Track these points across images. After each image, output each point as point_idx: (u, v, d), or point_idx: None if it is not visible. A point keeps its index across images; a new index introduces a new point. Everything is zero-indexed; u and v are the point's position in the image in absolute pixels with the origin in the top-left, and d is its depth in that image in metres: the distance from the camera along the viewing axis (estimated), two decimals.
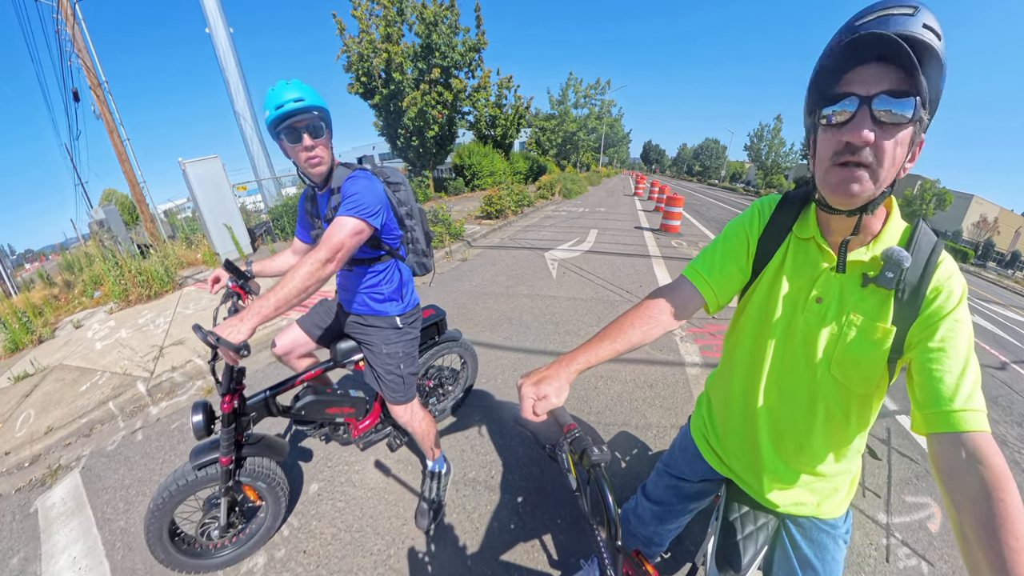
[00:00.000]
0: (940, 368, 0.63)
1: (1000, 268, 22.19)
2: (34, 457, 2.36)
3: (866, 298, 0.72)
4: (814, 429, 0.82)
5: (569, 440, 0.67)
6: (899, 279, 0.68)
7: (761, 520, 0.94)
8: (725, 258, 0.88)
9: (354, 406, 1.76)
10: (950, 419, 0.60)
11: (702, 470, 1.05)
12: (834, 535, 0.89)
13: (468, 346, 2.29)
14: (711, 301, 0.88)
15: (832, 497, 0.89)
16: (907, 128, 0.59)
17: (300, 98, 1.24)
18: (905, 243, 0.71)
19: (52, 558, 1.71)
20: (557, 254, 6.45)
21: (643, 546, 1.12)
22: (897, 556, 1.72)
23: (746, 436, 0.93)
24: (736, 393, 0.94)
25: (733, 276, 0.88)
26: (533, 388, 0.72)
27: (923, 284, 0.68)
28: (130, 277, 4.83)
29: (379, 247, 1.50)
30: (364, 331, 1.61)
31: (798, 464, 0.87)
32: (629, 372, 2.96)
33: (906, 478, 2.15)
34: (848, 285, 0.74)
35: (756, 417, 0.89)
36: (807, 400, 0.81)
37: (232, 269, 1.57)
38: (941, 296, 0.67)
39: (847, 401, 0.77)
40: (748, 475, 0.95)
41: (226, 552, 1.56)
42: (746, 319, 0.89)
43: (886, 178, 0.62)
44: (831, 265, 0.75)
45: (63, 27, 6.40)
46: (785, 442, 0.86)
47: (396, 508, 1.85)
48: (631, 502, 1.19)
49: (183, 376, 3.03)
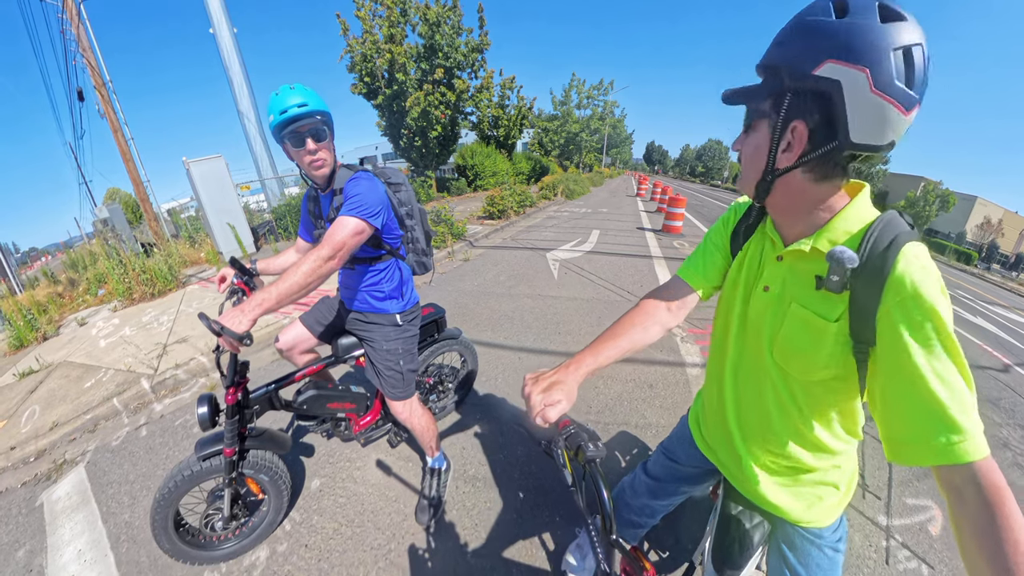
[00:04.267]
0: (912, 391, 0.57)
1: (1004, 270, 22.04)
2: (39, 452, 2.39)
3: (815, 293, 0.70)
4: (771, 415, 0.83)
5: (564, 436, 0.68)
6: (845, 282, 0.64)
7: (756, 519, 0.94)
8: (709, 250, 0.94)
9: (355, 402, 1.78)
10: (942, 452, 0.54)
11: (695, 457, 1.07)
12: (820, 544, 0.87)
13: (468, 344, 2.31)
14: (704, 290, 0.93)
15: (815, 505, 0.86)
16: (754, 129, 0.68)
17: (304, 103, 1.27)
18: (860, 237, 0.64)
19: (58, 551, 1.74)
20: (559, 254, 6.46)
21: (635, 516, 1.15)
22: (897, 559, 1.71)
23: (720, 423, 0.95)
24: (710, 383, 0.99)
25: (719, 264, 0.92)
26: (543, 395, 0.70)
27: (878, 284, 0.61)
28: (134, 275, 4.87)
29: (380, 246, 1.53)
30: (365, 327, 1.64)
31: (765, 459, 0.87)
32: (629, 372, 2.97)
33: (906, 479, 2.15)
34: (794, 274, 0.74)
35: (724, 404, 0.92)
36: (759, 386, 0.83)
37: (237, 266, 1.59)
38: (900, 298, 0.59)
39: (792, 387, 0.78)
40: (731, 464, 0.95)
41: (229, 544, 1.59)
42: (718, 308, 0.94)
43: (747, 172, 0.72)
44: (777, 253, 0.77)
45: (68, 27, 6.45)
46: (750, 428, 0.88)
47: (397, 504, 1.86)
48: (629, 476, 1.22)
49: (187, 373, 3.06)
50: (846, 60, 0.55)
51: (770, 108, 0.64)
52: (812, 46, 0.58)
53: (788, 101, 0.62)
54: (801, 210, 0.70)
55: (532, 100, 16.99)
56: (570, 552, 1.15)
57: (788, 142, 0.64)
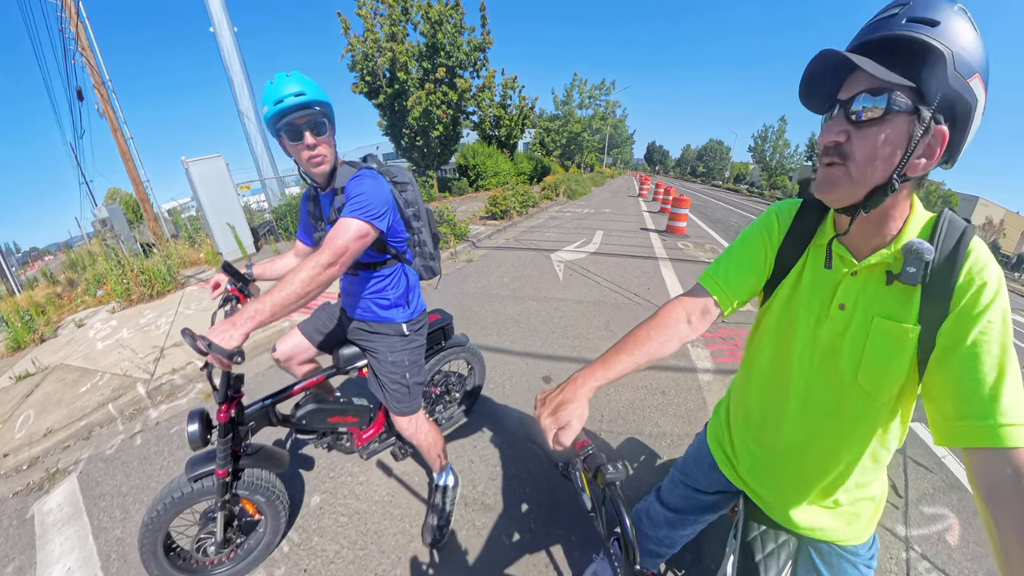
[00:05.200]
0: (975, 374, 0.58)
1: (1007, 271, 21.97)
2: (32, 460, 2.32)
3: (890, 299, 0.67)
4: (837, 445, 0.77)
5: (582, 457, 0.65)
6: (923, 273, 0.63)
7: (782, 538, 0.89)
8: (742, 265, 0.85)
9: (357, 415, 1.68)
10: (993, 434, 0.55)
11: (718, 482, 1.01)
12: (855, 562, 0.83)
13: (475, 351, 2.22)
14: (727, 307, 0.85)
15: (853, 523, 0.83)
16: (888, 122, 0.57)
17: (301, 92, 1.16)
18: (928, 234, 0.65)
19: (47, 568, 1.66)
20: (563, 255, 6.37)
21: (654, 546, 1.10)
22: (918, 571, 1.65)
23: (763, 450, 0.89)
24: (754, 405, 0.90)
25: (749, 283, 0.85)
26: (552, 419, 0.66)
27: (952, 277, 0.62)
28: (132, 276, 4.81)
29: (385, 250, 1.43)
30: (368, 338, 1.54)
31: (816, 482, 0.82)
32: (640, 378, 2.88)
33: (922, 489, 2.08)
34: (870, 287, 0.70)
35: (775, 430, 0.85)
36: (831, 414, 0.76)
37: (231, 271, 1.50)
38: (973, 289, 0.60)
39: (874, 413, 0.72)
40: (764, 491, 0.90)
41: (223, 569, 1.50)
42: (767, 328, 0.86)
43: (865, 175, 0.60)
44: (850, 269, 0.72)
45: (67, 25, 6.39)
46: (805, 459, 0.82)
47: (402, 523, 1.77)
48: (644, 503, 1.16)
49: (183, 379, 2.97)
50: (985, 83, 0.55)
51: (918, 102, 0.56)
52: (971, 52, 0.54)
53: (939, 100, 0.55)
54: (888, 221, 0.67)
55: (534, 100, 16.96)
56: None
57: (929, 146, 0.58)
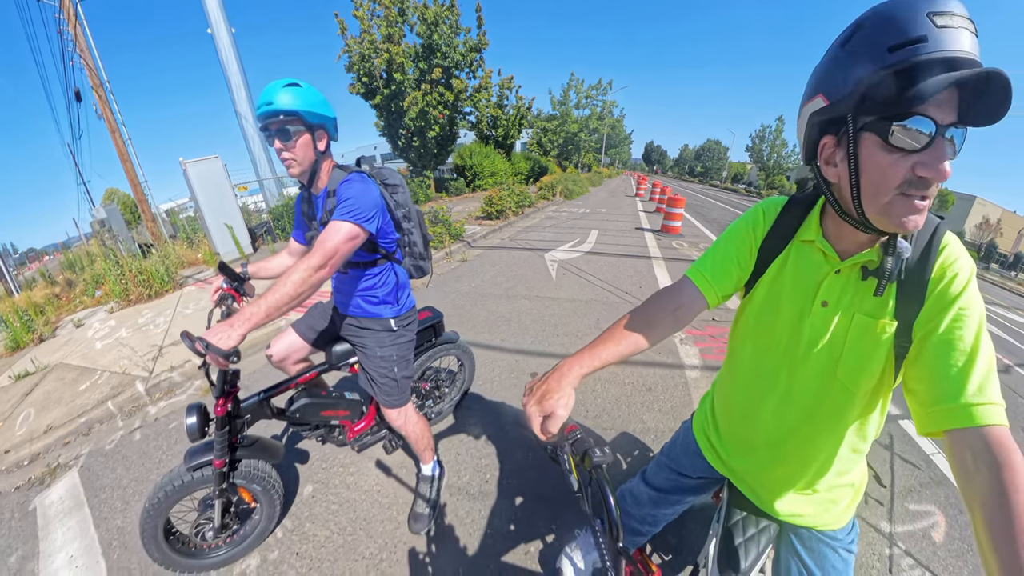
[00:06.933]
0: (947, 360, 0.60)
1: (1003, 270, 22.05)
2: (33, 456, 2.37)
3: (868, 294, 0.70)
4: (817, 436, 0.80)
5: (571, 441, 0.68)
6: (899, 269, 0.66)
7: (763, 524, 0.93)
8: (727, 258, 0.87)
9: (349, 409, 1.76)
10: (965, 413, 0.56)
11: (702, 468, 1.04)
12: (835, 546, 0.87)
13: (465, 348, 2.29)
14: (712, 300, 0.87)
15: (832, 508, 0.87)
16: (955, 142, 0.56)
17: (270, 102, 1.25)
18: None
19: (50, 556, 1.72)
20: (557, 255, 6.44)
21: (636, 523, 1.14)
22: (901, 567, 1.68)
23: (746, 439, 0.92)
24: (738, 396, 0.93)
25: (735, 275, 0.87)
26: (538, 407, 0.69)
27: (926, 271, 0.65)
28: (131, 276, 4.85)
29: (375, 250, 1.50)
30: (358, 333, 1.62)
31: (797, 472, 0.85)
32: (627, 375, 2.95)
33: (909, 485, 2.12)
34: (849, 284, 0.72)
35: (757, 421, 0.87)
36: (811, 407, 0.79)
37: (227, 271, 1.57)
38: (945, 281, 0.64)
39: (853, 406, 0.75)
40: (748, 477, 0.94)
41: (220, 553, 1.57)
42: (747, 322, 0.88)
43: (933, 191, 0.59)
44: (834, 268, 0.74)
45: (65, 27, 6.43)
46: (786, 449, 0.85)
47: (390, 511, 1.84)
48: (629, 483, 1.19)
49: (181, 376, 3.04)
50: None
51: None
52: None
53: None
54: None
55: (531, 100, 16.98)
56: (565, 554, 1.13)
57: None
